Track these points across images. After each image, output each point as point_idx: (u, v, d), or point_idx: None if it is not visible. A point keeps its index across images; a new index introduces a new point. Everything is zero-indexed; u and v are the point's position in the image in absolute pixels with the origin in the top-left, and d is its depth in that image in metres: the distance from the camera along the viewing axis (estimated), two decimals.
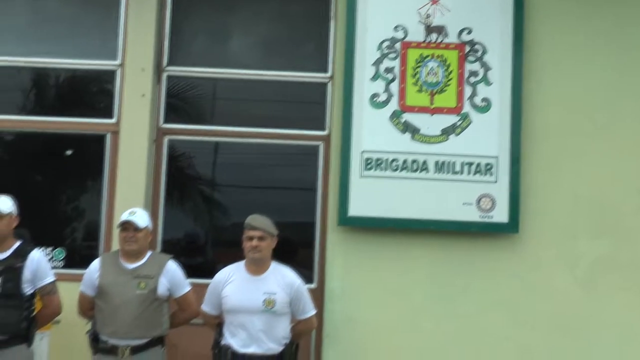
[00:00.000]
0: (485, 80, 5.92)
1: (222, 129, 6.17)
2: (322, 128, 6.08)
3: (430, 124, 5.87)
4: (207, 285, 5.12)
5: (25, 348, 4.83)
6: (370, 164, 5.83)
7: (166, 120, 6.14)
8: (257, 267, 4.86)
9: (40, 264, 4.92)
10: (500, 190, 5.82)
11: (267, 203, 5.83)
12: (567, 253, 5.91)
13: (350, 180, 5.82)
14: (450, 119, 5.89)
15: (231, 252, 5.50)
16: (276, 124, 6.18)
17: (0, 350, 4.70)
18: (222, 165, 6.41)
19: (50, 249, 5.88)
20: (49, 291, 4.94)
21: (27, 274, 4.83)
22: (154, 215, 5.29)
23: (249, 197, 6.27)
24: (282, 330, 4.83)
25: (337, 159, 5.90)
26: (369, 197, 5.82)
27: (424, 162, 5.85)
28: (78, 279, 5.29)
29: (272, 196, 6.29)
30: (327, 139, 6.04)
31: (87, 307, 5.02)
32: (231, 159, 6.37)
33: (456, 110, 5.89)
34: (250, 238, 4.80)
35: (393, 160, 5.84)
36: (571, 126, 5.99)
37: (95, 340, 4.92)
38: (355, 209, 5.81)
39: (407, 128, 5.88)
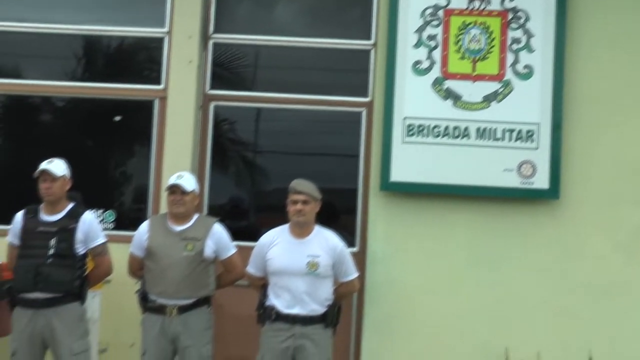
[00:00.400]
0: (528, 47, 5.92)
1: (267, 95, 6.27)
2: (365, 95, 6.15)
3: (472, 91, 5.90)
4: (251, 248, 5.25)
5: (79, 305, 5.04)
6: (412, 130, 5.90)
7: (212, 87, 6.24)
8: (301, 231, 4.97)
9: (92, 226, 5.12)
10: (541, 157, 5.84)
11: (310, 169, 5.90)
12: (608, 219, 5.93)
13: (392, 146, 5.89)
14: (492, 86, 5.91)
15: (274, 217, 5.63)
16: (320, 90, 6.26)
17: (56, 307, 4.92)
18: (266, 132, 6.52)
19: (100, 211, 6.06)
20: (100, 252, 5.13)
21: (79, 235, 5.02)
22: (200, 180, 5.42)
23: (292, 163, 6.38)
24: (325, 292, 4.94)
25: (379, 125, 5.97)
26: (411, 163, 5.88)
27: (466, 129, 5.89)
28: (127, 240, 5.48)
29: (315, 162, 6.39)
30: (369, 106, 6.10)
31: (137, 267, 5.20)
32: (275, 126, 6.47)
33: (498, 77, 5.91)
34: (295, 202, 4.91)
35: (435, 127, 5.89)
36: (613, 92, 5.98)
37: (144, 299, 5.10)
38: (397, 175, 5.89)
39: (449, 95, 5.92)
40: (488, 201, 5.90)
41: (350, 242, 5.40)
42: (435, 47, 5.95)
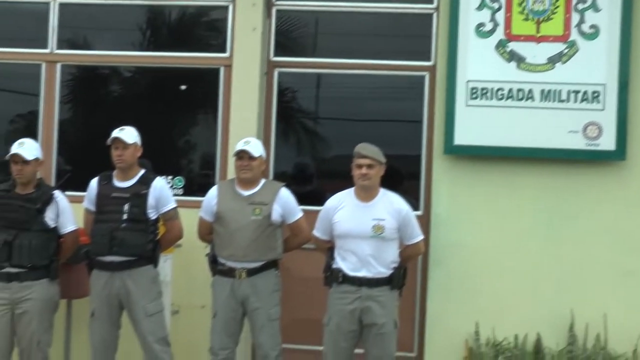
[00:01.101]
0: (594, 6, 5.81)
1: (330, 61, 6.30)
2: (428, 59, 6.14)
3: (536, 53, 5.83)
4: (316, 212, 5.34)
5: (152, 268, 5.22)
6: (476, 93, 5.87)
7: (276, 54, 6.30)
8: (367, 194, 5.02)
9: (163, 191, 5.27)
10: (607, 118, 5.76)
11: (373, 135, 5.88)
12: None
13: (455, 110, 5.87)
14: (557, 47, 5.83)
15: (338, 182, 5.70)
16: (382, 56, 6.26)
17: (130, 270, 5.11)
18: (329, 98, 6.57)
19: (170, 177, 6.20)
20: (171, 216, 5.29)
21: (151, 200, 5.18)
22: (265, 146, 5.48)
23: (355, 129, 6.40)
24: (391, 255, 5.01)
25: (442, 89, 5.95)
26: (474, 126, 5.86)
27: (530, 91, 5.83)
28: (196, 205, 5.63)
29: (378, 128, 6.40)
30: (432, 70, 6.09)
31: (206, 231, 5.34)
32: (337, 92, 6.51)
33: (563, 38, 5.83)
34: (360, 166, 4.95)
35: (498, 90, 5.85)
36: None
37: (214, 262, 5.25)
38: (461, 138, 5.88)
39: (513, 57, 5.86)
40: (553, 163, 5.86)
41: (414, 206, 5.42)
42: (499, 9, 5.88)
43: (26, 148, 5.10)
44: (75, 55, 6.51)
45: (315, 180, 6.46)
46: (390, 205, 5.02)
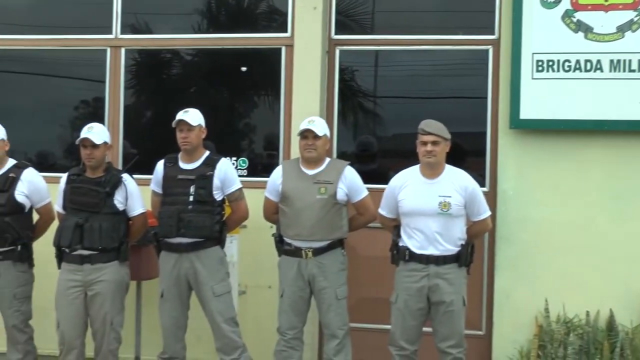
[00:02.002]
0: None
1: (391, 37, 6.23)
2: (491, 32, 6.02)
3: (605, 22, 5.66)
4: (380, 190, 5.32)
5: (219, 249, 5.26)
6: (542, 65, 5.73)
7: (337, 32, 6.26)
8: (432, 171, 4.97)
9: (228, 172, 5.30)
10: None
11: (436, 111, 5.81)
12: None
13: (521, 83, 5.74)
14: (627, 15, 5.63)
15: (401, 160, 5.68)
16: (444, 31, 6.17)
17: (198, 251, 5.16)
18: (391, 75, 6.50)
19: (234, 159, 6.24)
20: (236, 197, 5.32)
21: (216, 181, 5.21)
22: (328, 124, 5.43)
23: (418, 106, 6.35)
24: (458, 231, 4.96)
25: (507, 62, 5.82)
26: (541, 100, 5.73)
27: (598, 62, 5.67)
28: (260, 186, 5.67)
29: (441, 105, 6.33)
30: (496, 43, 5.97)
31: (272, 211, 5.36)
32: (400, 69, 6.42)
33: (633, 5, 5.61)
34: (424, 143, 4.91)
35: (565, 61, 5.70)
36: None
37: (280, 242, 5.27)
38: (527, 112, 5.75)
39: (580, 27, 5.71)
40: (623, 136, 5.70)
41: (480, 182, 5.32)
42: None
43: (95, 132, 5.18)
44: (139, 40, 6.58)
45: (378, 158, 6.41)
46: (456, 181, 4.96)
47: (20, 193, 5.35)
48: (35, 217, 5.54)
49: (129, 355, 5.94)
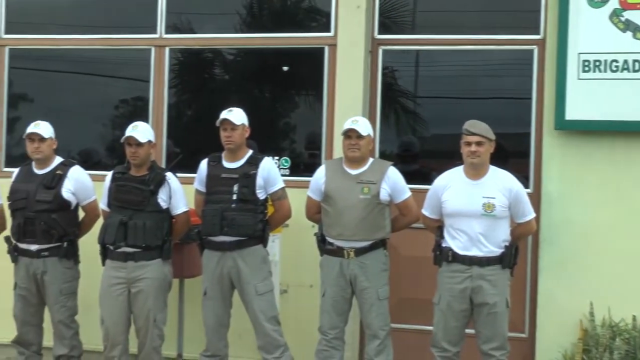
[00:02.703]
0: None
1: (435, 37, 6.19)
2: (537, 32, 5.95)
3: None
4: (423, 191, 5.30)
5: (262, 248, 5.28)
6: (588, 66, 5.65)
7: (380, 31, 6.23)
8: (476, 172, 4.94)
9: (271, 171, 5.32)
10: None
11: (480, 112, 5.71)
12: None
13: (566, 83, 5.66)
14: None
15: (445, 161, 5.65)
16: (488, 30, 6.11)
17: (241, 249, 5.18)
18: (434, 75, 6.46)
19: (276, 158, 6.24)
20: (279, 196, 5.33)
21: (259, 180, 5.23)
22: (370, 124, 5.43)
23: (461, 107, 6.29)
24: (502, 233, 4.92)
25: (552, 63, 5.75)
26: (587, 100, 5.65)
27: None
28: (302, 185, 5.67)
29: (485, 105, 6.27)
30: (541, 43, 5.90)
31: (314, 210, 5.36)
32: (443, 69, 6.38)
33: None
34: (469, 143, 4.88)
35: (612, 61, 5.61)
36: None
37: (322, 242, 5.27)
38: (573, 113, 5.67)
39: (628, 26, 5.60)
40: None
41: (524, 184, 5.24)
42: None
43: (140, 131, 5.23)
44: (183, 39, 6.62)
45: (421, 158, 6.38)
46: (500, 183, 4.93)
47: (67, 190, 5.42)
48: (81, 214, 5.62)
49: (172, 352, 5.99)
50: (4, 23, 6.82)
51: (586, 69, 5.67)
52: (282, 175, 5.58)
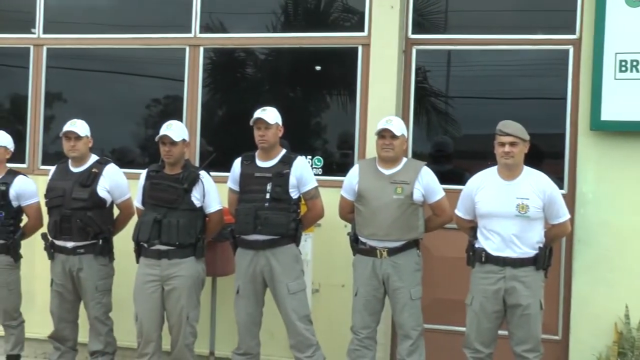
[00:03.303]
0: None
1: (469, 37, 6.15)
2: (572, 31, 5.90)
3: None
4: (456, 191, 5.28)
5: (295, 247, 5.29)
6: (625, 65, 5.58)
7: (414, 31, 6.21)
8: (510, 173, 4.90)
9: (304, 170, 5.32)
10: None
11: (514, 112, 5.64)
12: None
13: (602, 84, 5.61)
14: None
15: (478, 161, 5.62)
16: (523, 30, 6.07)
17: (274, 248, 5.19)
18: (468, 75, 6.41)
19: (309, 157, 6.24)
20: (312, 195, 5.34)
21: (293, 179, 5.24)
22: (404, 124, 5.45)
23: (495, 107, 6.25)
24: (536, 234, 4.88)
25: (588, 62, 5.70)
26: (623, 101, 5.57)
27: None
28: (335, 185, 5.69)
29: (519, 105, 6.21)
30: (577, 43, 5.84)
31: (347, 210, 5.36)
32: (477, 69, 6.35)
33: None
34: (502, 144, 4.84)
35: None
36: None
37: (355, 241, 5.27)
38: (608, 113, 5.61)
39: None
40: None
41: (558, 185, 5.19)
42: None
43: (174, 130, 5.27)
44: (217, 39, 6.65)
45: (455, 159, 6.35)
46: (534, 183, 4.89)
47: (102, 188, 5.48)
48: (116, 212, 5.68)
49: (204, 350, 6.04)
50: (42, 23, 6.92)
51: (623, 69, 5.61)
52: (315, 174, 5.57)
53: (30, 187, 5.83)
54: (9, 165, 5.93)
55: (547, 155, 6.04)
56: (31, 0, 6.92)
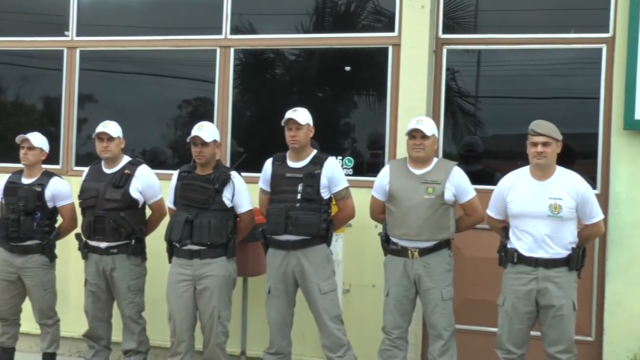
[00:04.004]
0: None
1: (500, 36, 6.12)
2: (606, 30, 5.84)
3: None
4: (486, 191, 5.26)
5: (326, 247, 5.30)
6: None
7: (444, 31, 6.19)
8: (542, 173, 4.87)
9: (335, 171, 5.33)
10: None
11: (546, 112, 5.62)
12: None
13: (637, 82, 5.54)
14: None
15: (510, 161, 5.60)
16: (555, 29, 6.03)
17: (305, 248, 5.21)
18: (499, 75, 6.37)
19: (339, 157, 6.24)
20: (343, 196, 5.34)
21: (324, 180, 5.25)
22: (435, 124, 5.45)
23: (526, 106, 6.19)
24: (569, 235, 4.85)
25: (622, 61, 5.63)
26: None
27: None
28: (365, 185, 5.70)
29: (551, 105, 6.16)
30: (610, 41, 5.78)
31: (379, 211, 5.36)
32: (508, 68, 6.31)
33: None
34: (534, 144, 4.81)
35: None
36: None
37: (386, 241, 5.26)
38: None
39: None
40: None
41: (591, 185, 5.14)
42: None
43: (205, 131, 5.31)
44: (248, 40, 6.66)
45: (485, 159, 6.32)
46: (567, 183, 4.85)
47: (135, 189, 5.54)
48: (148, 212, 5.73)
49: (236, 349, 6.07)
50: (75, 26, 6.99)
51: None
52: (345, 175, 5.57)
53: (65, 189, 5.90)
54: (44, 166, 6.02)
55: (580, 155, 5.98)
56: (64, 4, 7.01)
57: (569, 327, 4.86)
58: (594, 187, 5.67)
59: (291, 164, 5.31)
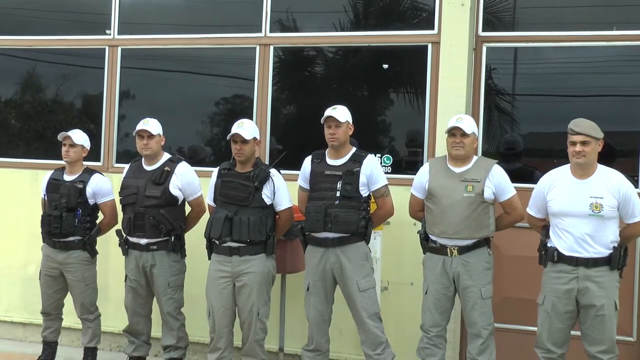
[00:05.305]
0: None
1: (541, 34, 6.06)
2: None
3: None
4: (526, 189, 5.22)
5: (364, 245, 5.30)
6: None
7: (484, 29, 6.15)
8: (583, 172, 4.83)
9: (374, 169, 5.33)
10: None
11: (588, 110, 5.63)
12: None
13: None
14: None
15: (550, 159, 5.55)
16: (597, 26, 5.95)
17: (344, 246, 5.22)
18: (540, 72, 6.30)
19: (378, 155, 6.24)
20: (382, 193, 5.34)
21: (363, 177, 5.25)
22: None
23: (568, 105, 6.15)
24: (611, 234, 4.80)
25: None
26: None
27: None
28: (404, 183, 5.69)
29: (593, 103, 6.10)
30: None
31: (417, 208, 5.36)
32: (549, 66, 6.25)
33: None
34: (574, 143, 4.77)
35: None
36: None
37: (425, 239, 5.26)
38: None
39: None
40: None
41: (633, 183, 5.09)
42: None
43: (245, 128, 5.34)
44: (287, 38, 6.69)
45: (525, 157, 6.26)
46: (608, 182, 4.80)
47: (174, 186, 5.59)
48: (187, 209, 5.78)
49: (274, 346, 6.10)
50: (117, 24, 7.08)
51: None
52: (384, 172, 5.57)
53: (106, 185, 5.98)
54: (85, 163, 6.10)
55: (622, 153, 5.90)
56: (106, 3, 7.09)
57: (610, 327, 4.80)
58: (637, 186, 5.61)
59: (330, 161, 5.32)
